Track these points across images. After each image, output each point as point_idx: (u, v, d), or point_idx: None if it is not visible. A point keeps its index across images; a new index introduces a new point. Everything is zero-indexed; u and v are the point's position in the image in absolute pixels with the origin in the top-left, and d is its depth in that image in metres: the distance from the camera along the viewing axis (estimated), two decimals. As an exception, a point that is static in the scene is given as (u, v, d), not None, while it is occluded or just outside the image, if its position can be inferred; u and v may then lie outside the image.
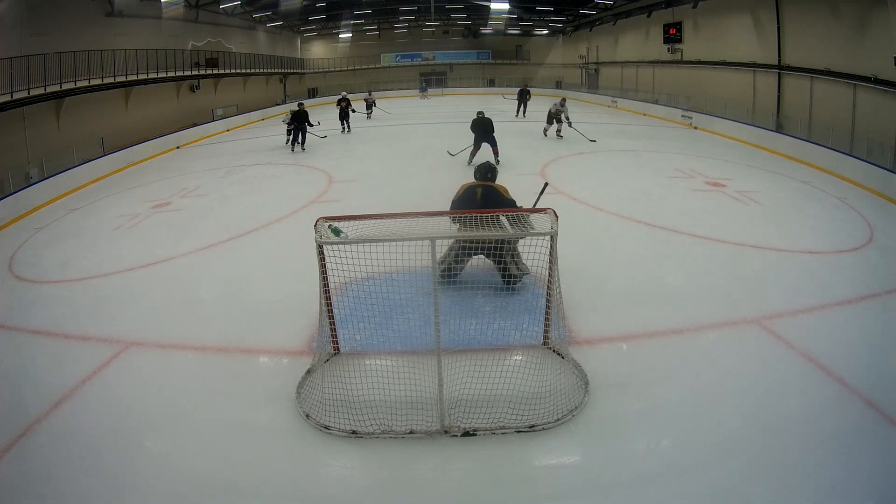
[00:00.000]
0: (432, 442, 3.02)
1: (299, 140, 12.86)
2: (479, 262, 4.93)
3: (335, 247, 3.36)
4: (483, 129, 9.90)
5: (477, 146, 9.99)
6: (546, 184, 4.40)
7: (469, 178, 5.25)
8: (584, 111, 21.13)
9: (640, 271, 5.29)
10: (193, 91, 20.64)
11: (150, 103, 17.66)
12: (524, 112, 17.87)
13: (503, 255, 4.21)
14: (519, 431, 3.05)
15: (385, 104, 21.77)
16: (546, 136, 13.26)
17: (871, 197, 8.35)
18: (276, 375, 3.74)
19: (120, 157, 12.89)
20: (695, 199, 7.88)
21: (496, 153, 9.88)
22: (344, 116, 15.72)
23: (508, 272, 4.36)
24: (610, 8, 23.88)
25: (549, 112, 13.09)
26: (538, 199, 5.06)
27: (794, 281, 5.02)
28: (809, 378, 3.55)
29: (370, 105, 19.92)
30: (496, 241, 4.05)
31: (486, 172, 5.05)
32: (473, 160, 9.79)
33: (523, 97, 18.07)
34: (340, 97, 16.34)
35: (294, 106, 14.24)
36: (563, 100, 13.11)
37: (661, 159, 10.80)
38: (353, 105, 16.22)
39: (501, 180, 5.12)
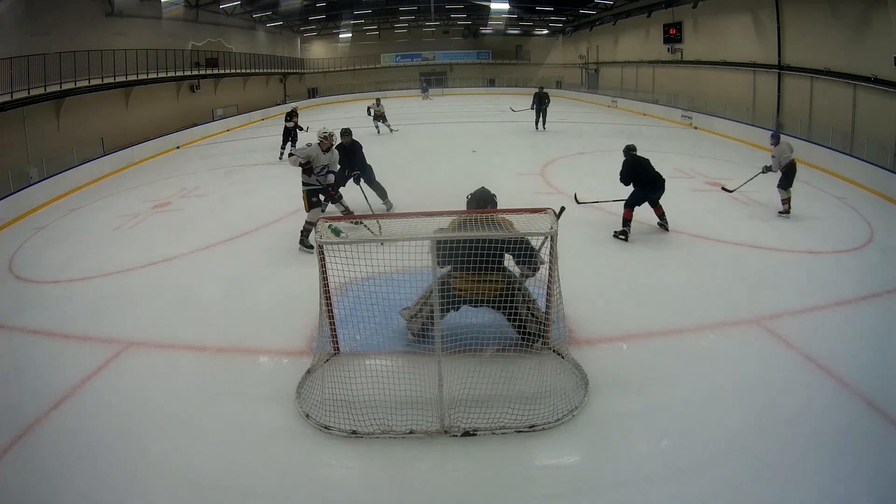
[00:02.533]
0: (432, 442, 3.02)
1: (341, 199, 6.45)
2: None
3: (335, 247, 3.37)
4: (654, 182, 6.31)
5: (646, 199, 6.30)
6: (563, 207, 3.98)
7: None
8: (584, 111, 21.16)
9: (641, 271, 5.29)
10: (193, 91, 20.67)
11: (150, 103, 17.69)
12: (544, 122, 14.89)
13: (515, 305, 3.53)
14: (519, 431, 3.05)
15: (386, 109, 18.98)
16: (787, 214, 7.01)
17: (871, 197, 8.35)
18: (276, 375, 3.74)
19: (120, 157, 12.90)
20: (695, 199, 7.89)
21: (661, 215, 6.43)
22: (288, 137, 11.93)
23: (525, 328, 3.61)
24: (610, 8, 23.89)
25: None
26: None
27: (794, 281, 5.02)
28: (809, 378, 3.55)
29: (378, 117, 15.30)
30: (503, 292, 3.54)
31: (484, 204, 3.95)
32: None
33: (541, 103, 14.65)
34: (290, 110, 12.62)
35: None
36: (776, 133, 7.52)
37: (661, 159, 10.75)
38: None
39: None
